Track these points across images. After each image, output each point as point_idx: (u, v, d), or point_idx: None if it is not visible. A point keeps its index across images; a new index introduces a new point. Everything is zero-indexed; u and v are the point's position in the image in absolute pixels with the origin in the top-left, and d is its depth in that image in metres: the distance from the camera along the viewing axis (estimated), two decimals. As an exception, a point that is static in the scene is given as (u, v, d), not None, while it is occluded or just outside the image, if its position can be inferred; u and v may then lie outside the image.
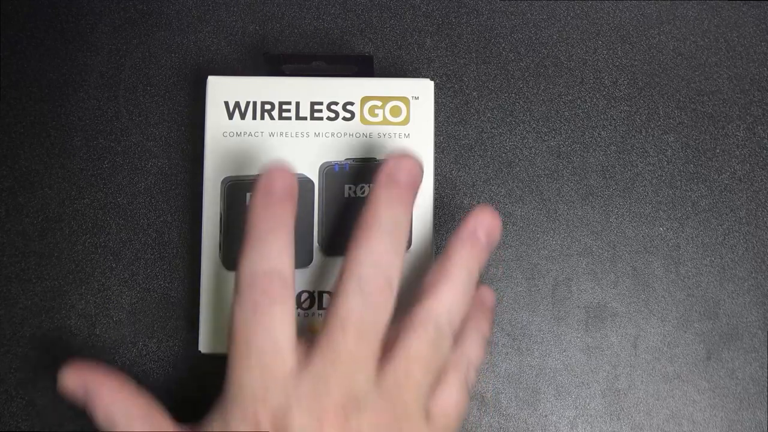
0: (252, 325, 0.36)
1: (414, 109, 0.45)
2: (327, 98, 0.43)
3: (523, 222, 0.50)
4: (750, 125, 0.52)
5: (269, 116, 0.43)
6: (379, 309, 0.37)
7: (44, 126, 0.50)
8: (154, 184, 0.49)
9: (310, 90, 0.43)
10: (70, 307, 0.48)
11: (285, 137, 0.43)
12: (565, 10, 0.52)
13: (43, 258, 0.49)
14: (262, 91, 0.43)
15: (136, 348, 0.48)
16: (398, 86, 0.45)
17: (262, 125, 0.43)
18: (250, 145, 0.42)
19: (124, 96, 0.50)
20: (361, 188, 0.43)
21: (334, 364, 0.36)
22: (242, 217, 0.42)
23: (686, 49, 0.52)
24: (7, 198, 0.49)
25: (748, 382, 0.49)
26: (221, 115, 0.42)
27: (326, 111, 0.43)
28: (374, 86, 0.44)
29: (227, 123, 0.42)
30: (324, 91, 0.44)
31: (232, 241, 0.42)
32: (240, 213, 0.42)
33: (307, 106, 0.43)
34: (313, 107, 0.43)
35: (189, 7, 0.51)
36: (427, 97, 0.45)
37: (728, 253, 0.50)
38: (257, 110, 0.43)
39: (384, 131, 0.44)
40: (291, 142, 0.43)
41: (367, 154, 0.43)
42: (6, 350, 0.48)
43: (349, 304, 0.37)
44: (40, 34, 0.51)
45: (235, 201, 0.42)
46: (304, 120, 0.43)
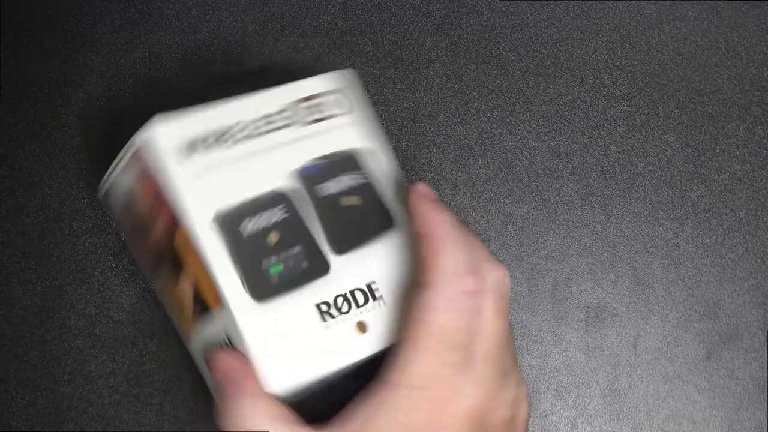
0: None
1: (346, 100, 0.44)
2: (267, 110, 0.43)
3: (523, 222, 0.50)
4: (750, 125, 0.52)
5: (224, 143, 0.41)
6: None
7: (44, 126, 0.50)
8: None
9: (248, 109, 0.42)
10: (70, 307, 0.48)
11: (249, 158, 0.42)
12: (565, 10, 0.52)
13: (43, 258, 0.49)
14: (205, 124, 0.41)
15: (136, 348, 0.48)
16: (323, 82, 0.44)
17: (222, 154, 0.41)
18: (220, 175, 0.41)
19: (125, 96, 0.50)
20: (343, 180, 0.43)
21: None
22: (246, 243, 0.41)
23: (686, 49, 0.52)
24: (7, 198, 0.49)
25: (748, 382, 0.49)
26: (179, 160, 0.41)
27: (271, 124, 0.43)
28: (302, 88, 0.44)
29: (188, 164, 0.41)
30: (261, 106, 0.43)
31: (252, 270, 0.41)
32: (242, 239, 0.41)
33: (254, 125, 0.42)
34: (261, 123, 0.43)
35: (189, 7, 0.51)
36: (353, 84, 0.44)
37: (728, 253, 0.50)
38: (210, 141, 0.41)
39: (331, 126, 0.43)
40: (256, 161, 0.42)
41: (326, 150, 0.43)
42: (6, 350, 0.48)
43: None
44: (40, 34, 0.51)
45: (234, 232, 0.41)
46: (255, 137, 0.42)
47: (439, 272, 0.39)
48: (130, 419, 0.47)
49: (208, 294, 0.41)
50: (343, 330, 0.41)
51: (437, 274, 0.39)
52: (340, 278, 0.42)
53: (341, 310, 0.42)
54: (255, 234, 0.41)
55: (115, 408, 0.47)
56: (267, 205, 0.41)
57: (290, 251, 0.41)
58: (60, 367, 0.48)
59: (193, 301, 0.42)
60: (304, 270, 0.41)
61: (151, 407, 0.48)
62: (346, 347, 0.41)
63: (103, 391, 0.48)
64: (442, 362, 0.38)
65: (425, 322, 0.38)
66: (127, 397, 0.48)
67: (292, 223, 0.42)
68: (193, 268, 0.41)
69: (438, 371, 0.38)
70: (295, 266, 0.41)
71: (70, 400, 0.48)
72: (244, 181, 0.41)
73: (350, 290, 0.42)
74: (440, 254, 0.39)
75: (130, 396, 0.48)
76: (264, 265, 0.41)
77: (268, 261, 0.41)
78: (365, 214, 0.43)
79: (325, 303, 0.41)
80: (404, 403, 0.38)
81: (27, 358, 0.48)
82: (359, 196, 0.43)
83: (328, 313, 0.41)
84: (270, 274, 0.41)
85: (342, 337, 0.41)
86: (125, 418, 0.47)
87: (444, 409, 0.38)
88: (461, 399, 0.38)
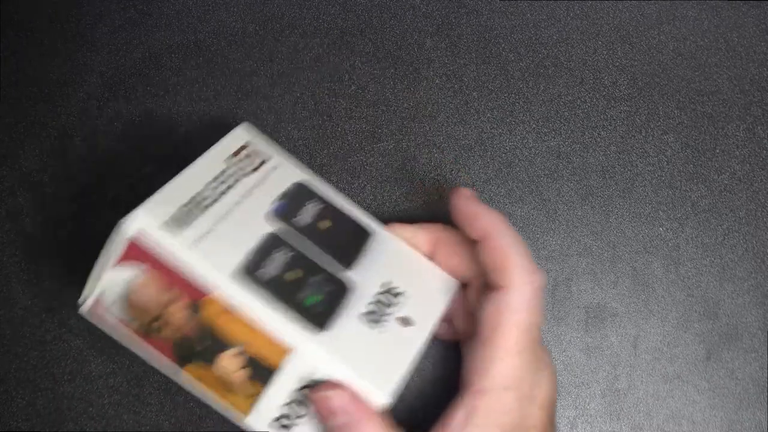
0: None
1: (259, 147, 0.46)
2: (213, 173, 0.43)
3: (523, 222, 0.50)
4: (750, 125, 0.52)
5: (199, 211, 0.42)
6: None
7: (44, 126, 0.50)
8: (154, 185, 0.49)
9: (198, 177, 0.43)
10: (70, 308, 0.48)
11: (226, 216, 0.42)
12: (564, 11, 0.52)
13: (43, 258, 0.49)
14: (175, 200, 0.41)
15: (136, 348, 0.48)
16: (234, 137, 0.45)
17: (204, 219, 0.41)
18: (215, 237, 0.41)
19: (125, 96, 0.50)
20: (308, 208, 0.45)
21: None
22: (273, 287, 0.41)
23: (686, 50, 0.52)
24: (7, 198, 0.49)
25: (748, 382, 0.49)
26: (176, 235, 0.40)
27: (224, 183, 0.43)
28: (226, 147, 0.45)
29: (185, 236, 0.40)
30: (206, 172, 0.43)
31: (298, 306, 0.41)
32: (268, 285, 0.41)
33: (210, 189, 0.43)
34: (215, 184, 0.43)
35: (189, 8, 0.51)
36: (255, 133, 0.46)
37: (728, 254, 0.50)
38: (188, 212, 0.41)
39: (265, 172, 0.45)
40: (234, 216, 0.42)
41: (277, 191, 0.44)
42: (6, 350, 0.48)
43: None
44: (40, 34, 0.51)
45: (259, 280, 0.41)
46: (219, 198, 0.43)
47: (513, 274, 0.40)
48: (130, 419, 0.47)
49: (267, 353, 0.40)
50: (392, 329, 0.42)
51: (511, 275, 0.40)
52: (362, 289, 0.43)
53: (380, 314, 0.43)
54: (275, 277, 0.41)
55: (115, 408, 0.47)
56: (268, 250, 0.42)
57: (311, 281, 0.42)
58: (60, 367, 0.48)
59: (246, 369, 0.41)
60: (332, 293, 0.42)
61: (151, 407, 0.48)
62: (405, 340, 0.42)
63: (103, 391, 0.48)
64: (525, 360, 0.40)
65: (506, 324, 0.40)
66: (127, 397, 0.48)
67: (298, 259, 0.42)
68: (237, 336, 0.40)
69: (522, 370, 0.40)
70: (324, 293, 0.42)
71: (70, 400, 0.48)
72: (236, 237, 0.41)
73: (375, 296, 0.43)
74: (509, 256, 0.41)
75: (130, 396, 0.48)
76: (300, 299, 0.41)
77: (300, 296, 0.41)
78: (342, 231, 0.45)
79: (367, 313, 0.42)
80: (495, 406, 0.39)
81: (27, 358, 0.48)
82: (329, 219, 0.45)
83: (374, 321, 0.42)
84: (308, 305, 0.41)
85: (396, 335, 0.42)
86: (125, 418, 0.47)
87: (529, 404, 0.40)
88: (540, 391, 0.41)
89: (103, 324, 0.41)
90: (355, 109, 0.51)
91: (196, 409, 0.48)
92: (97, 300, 0.41)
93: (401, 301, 0.44)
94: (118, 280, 0.41)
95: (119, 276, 0.40)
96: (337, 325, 0.41)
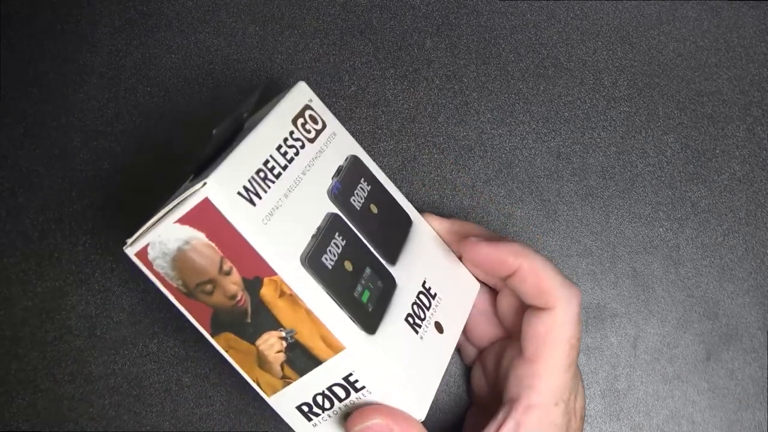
0: None
1: (318, 109, 0.43)
2: (278, 140, 0.40)
3: (522, 223, 0.50)
4: (750, 126, 0.52)
5: (270, 181, 0.39)
6: None
7: (44, 126, 0.50)
8: (154, 185, 0.49)
9: (267, 141, 0.40)
10: (70, 308, 0.48)
11: (295, 193, 0.40)
12: (564, 11, 0.52)
13: (44, 259, 0.49)
14: (248, 167, 0.39)
15: (136, 349, 0.48)
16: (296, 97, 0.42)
17: (274, 193, 0.39)
18: (283, 214, 0.39)
19: (124, 96, 0.50)
20: (358, 194, 0.42)
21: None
22: (334, 277, 0.39)
23: (686, 50, 0.52)
24: (7, 198, 0.49)
25: (748, 382, 0.49)
26: (249, 209, 0.38)
27: (289, 150, 0.41)
28: (288, 108, 0.41)
29: (257, 211, 0.38)
30: (274, 134, 0.40)
31: (353, 304, 0.39)
32: (331, 275, 0.39)
33: (278, 156, 0.40)
34: (282, 153, 0.40)
35: (189, 8, 0.51)
36: (311, 92, 0.43)
37: (728, 254, 0.50)
38: (258, 183, 0.39)
39: (326, 140, 0.42)
40: (300, 192, 0.40)
41: (335, 165, 0.42)
42: (6, 351, 0.48)
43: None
44: (40, 34, 0.51)
45: (323, 269, 0.39)
46: (287, 168, 0.40)
47: (556, 295, 0.41)
48: (130, 420, 0.47)
49: (317, 346, 0.39)
50: (431, 335, 0.42)
51: (555, 297, 0.41)
52: (405, 287, 0.42)
53: (421, 317, 0.42)
54: (336, 266, 0.39)
55: (116, 408, 0.48)
56: (330, 234, 0.40)
57: (366, 274, 0.40)
58: (60, 367, 0.48)
59: (286, 353, 0.40)
60: (382, 289, 0.41)
61: (151, 408, 0.48)
62: (440, 349, 0.42)
63: (103, 391, 0.48)
64: (570, 375, 0.41)
65: (557, 342, 0.41)
66: (128, 398, 0.48)
67: (355, 246, 0.41)
68: (292, 321, 0.39)
69: (567, 385, 0.41)
70: (375, 288, 0.40)
71: (70, 401, 0.48)
72: (302, 215, 0.39)
73: (416, 295, 0.42)
74: (546, 279, 0.41)
75: (130, 397, 0.48)
76: (357, 294, 0.39)
77: (357, 290, 0.40)
78: (389, 218, 0.43)
79: (409, 315, 0.41)
80: (545, 421, 0.41)
81: (27, 358, 0.48)
82: (376, 203, 0.43)
83: (416, 324, 0.41)
84: (364, 302, 0.40)
85: (434, 342, 0.41)
86: (125, 418, 0.47)
87: (573, 415, 0.42)
88: (580, 401, 0.42)
89: (143, 268, 0.40)
90: (355, 110, 0.51)
91: (196, 409, 0.48)
92: (145, 247, 0.39)
93: (436, 304, 0.43)
94: (171, 237, 0.39)
95: (175, 234, 0.38)
96: (387, 326, 0.40)
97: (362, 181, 0.42)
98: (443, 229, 0.45)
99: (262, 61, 0.51)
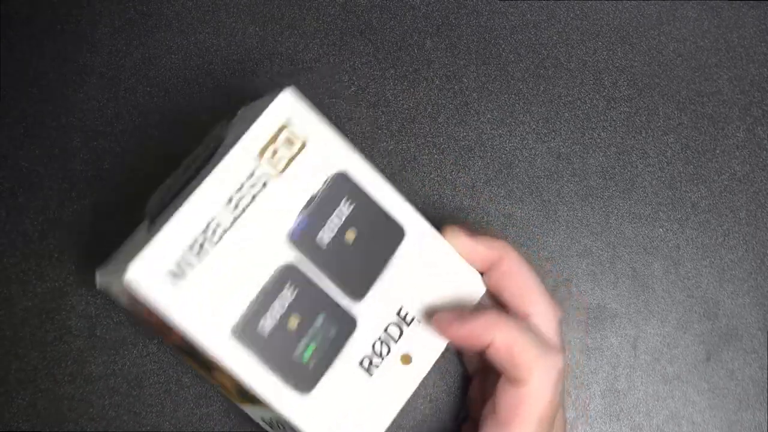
0: None
1: (300, 125, 0.39)
2: (231, 189, 0.37)
3: (522, 223, 0.50)
4: (750, 126, 0.52)
5: (207, 251, 0.36)
6: None
7: (44, 126, 0.50)
8: (154, 186, 0.49)
9: (210, 197, 0.37)
10: (70, 308, 0.48)
11: (238, 255, 0.37)
12: (565, 11, 0.52)
13: (44, 259, 0.49)
14: (179, 242, 0.36)
15: (136, 349, 0.48)
16: (266, 119, 0.38)
17: (209, 261, 0.36)
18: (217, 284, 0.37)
19: (124, 97, 0.50)
20: (330, 225, 0.39)
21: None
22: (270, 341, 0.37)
23: (686, 50, 0.52)
24: (7, 198, 0.49)
25: (748, 383, 0.49)
26: (171, 289, 0.36)
27: (243, 199, 0.37)
28: (250, 139, 0.38)
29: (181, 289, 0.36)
30: (226, 181, 0.37)
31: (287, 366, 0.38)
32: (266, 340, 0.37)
33: (226, 211, 0.37)
34: (232, 206, 0.37)
35: (189, 8, 0.51)
36: (296, 105, 0.39)
37: (728, 254, 0.50)
38: (192, 256, 0.36)
39: (299, 167, 0.38)
40: (246, 247, 0.37)
41: (306, 196, 0.39)
42: (6, 351, 0.48)
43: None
44: (40, 34, 0.51)
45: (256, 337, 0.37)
46: (235, 223, 0.37)
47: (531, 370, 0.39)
48: (130, 420, 0.47)
49: (254, 395, 0.38)
50: (390, 371, 0.40)
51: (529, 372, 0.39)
52: (370, 323, 0.40)
53: (382, 354, 0.40)
54: (276, 328, 0.38)
55: (116, 409, 0.48)
56: (275, 291, 0.38)
57: (314, 325, 0.38)
58: (60, 368, 0.48)
59: (236, 390, 0.40)
60: (335, 337, 0.39)
61: (151, 408, 0.48)
62: (399, 385, 0.40)
63: (103, 392, 0.48)
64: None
65: (524, 415, 0.39)
66: (128, 399, 0.48)
67: (306, 295, 0.38)
68: (227, 377, 0.38)
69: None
70: (325, 338, 0.38)
71: (70, 401, 0.48)
72: (243, 277, 0.37)
73: (384, 329, 0.40)
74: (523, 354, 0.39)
75: (130, 397, 0.48)
76: (296, 354, 0.38)
77: (297, 348, 0.38)
78: (370, 240, 0.40)
79: (365, 358, 0.39)
80: None
81: (27, 359, 0.48)
82: (355, 226, 0.39)
83: (372, 365, 0.39)
84: (304, 361, 0.38)
85: (392, 377, 0.40)
86: (125, 419, 0.47)
87: None
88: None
89: (114, 300, 0.39)
90: (355, 110, 0.51)
91: (196, 410, 0.48)
92: (106, 286, 0.40)
93: (409, 333, 0.40)
94: (123, 294, 0.38)
95: (123, 295, 0.39)
96: (325, 381, 0.38)
97: (343, 203, 0.39)
98: (466, 248, 0.42)
99: (262, 61, 0.51)
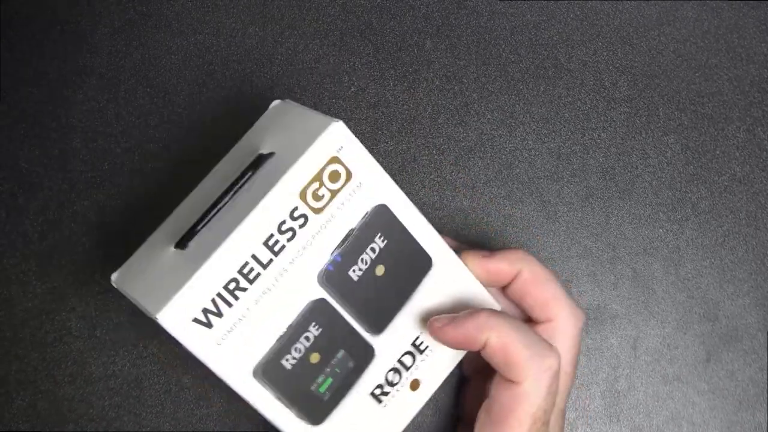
0: None
1: (347, 157, 0.38)
2: (271, 228, 0.37)
3: (522, 223, 0.50)
4: (750, 127, 0.52)
5: (241, 291, 0.37)
6: None
7: (44, 126, 0.50)
8: (154, 186, 0.49)
9: (250, 237, 0.37)
10: (70, 309, 0.48)
11: (270, 293, 0.38)
12: (565, 12, 0.52)
13: (43, 259, 0.49)
14: (214, 283, 0.37)
15: (136, 350, 0.48)
16: (316, 152, 0.37)
17: (241, 305, 0.37)
18: (247, 326, 0.38)
19: (124, 97, 0.50)
20: (362, 260, 0.39)
21: None
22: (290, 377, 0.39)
23: (686, 51, 0.52)
24: (7, 199, 0.49)
25: (748, 384, 0.49)
26: (201, 331, 0.37)
27: (281, 237, 0.37)
28: (297, 174, 0.37)
29: (211, 333, 0.37)
30: (262, 226, 0.37)
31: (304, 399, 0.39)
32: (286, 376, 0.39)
33: (263, 250, 0.37)
34: (269, 245, 0.37)
35: (189, 9, 0.51)
36: (346, 136, 0.38)
37: (728, 255, 0.50)
38: (226, 297, 0.37)
39: (340, 202, 0.38)
40: (280, 291, 0.38)
41: (343, 232, 0.39)
42: (6, 352, 0.48)
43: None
44: (40, 34, 0.51)
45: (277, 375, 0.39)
46: (271, 263, 0.37)
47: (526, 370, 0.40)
48: (130, 421, 0.47)
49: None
50: (400, 397, 0.41)
51: (524, 372, 0.40)
52: (387, 353, 0.41)
53: (393, 382, 0.41)
54: (297, 364, 0.39)
55: (116, 410, 0.48)
56: (300, 331, 0.39)
57: (335, 359, 0.40)
58: (60, 369, 0.48)
59: None
60: (352, 369, 0.40)
61: (151, 409, 0.48)
62: (405, 408, 0.42)
63: (103, 393, 0.48)
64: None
65: (518, 415, 0.40)
66: (128, 399, 0.48)
67: (329, 331, 0.39)
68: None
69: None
70: (343, 371, 0.40)
71: (70, 402, 0.48)
72: (271, 320, 0.38)
73: (398, 358, 0.41)
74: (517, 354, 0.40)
75: (130, 398, 0.48)
76: (313, 387, 0.40)
77: (315, 382, 0.40)
78: (401, 271, 0.40)
79: (378, 387, 0.41)
80: None
81: (27, 359, 0.48)
82: (384, 262, 0.40)
83: (383, 393, 0.41)
84: (321, 392, 0.40)
85: (399, 403, 0.41)
86: (125, 420, 0.47)
87: None
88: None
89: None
90: (354, 110, 0.51)
91: (196, 410, 0.48)
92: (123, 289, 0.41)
93: (422, 359, 0.42)
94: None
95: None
96: (338, 412, 0.40)
97: (377, 238, 0.39)
98: (483, 271, 0.43)
99: (262, 62, 0.51)
